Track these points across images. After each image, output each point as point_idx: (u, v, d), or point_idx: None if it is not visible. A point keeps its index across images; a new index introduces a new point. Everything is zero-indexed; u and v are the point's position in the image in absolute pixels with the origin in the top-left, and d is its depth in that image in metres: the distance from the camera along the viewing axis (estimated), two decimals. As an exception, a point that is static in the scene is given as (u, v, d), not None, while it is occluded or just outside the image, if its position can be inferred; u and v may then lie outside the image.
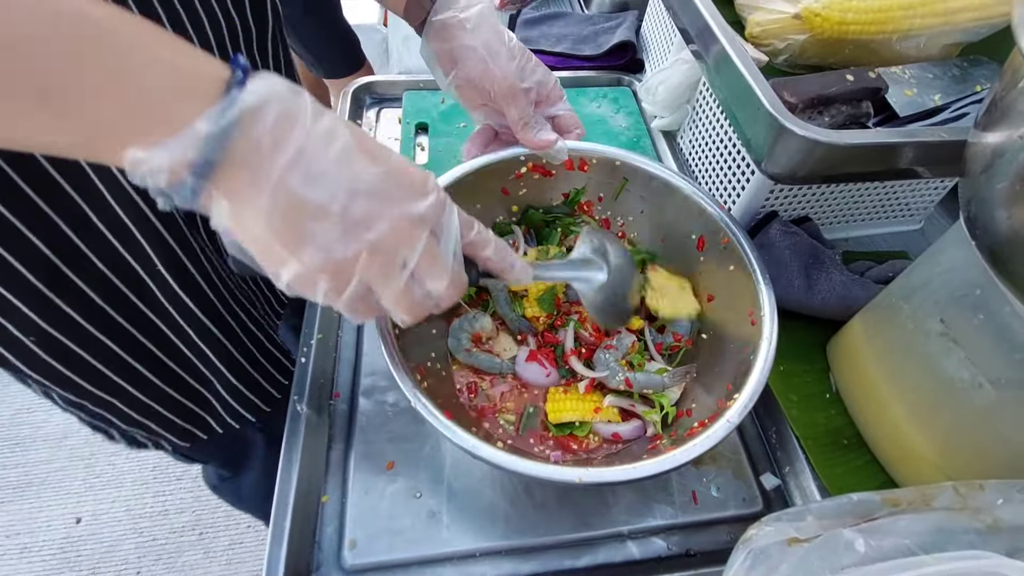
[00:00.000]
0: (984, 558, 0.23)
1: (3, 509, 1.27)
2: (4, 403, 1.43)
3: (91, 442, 1.38)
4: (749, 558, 0.26)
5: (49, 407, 1.54)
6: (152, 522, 1.27)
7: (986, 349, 0.34)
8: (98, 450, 1.37)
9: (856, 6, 0.44)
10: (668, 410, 0.42)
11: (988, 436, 0.34)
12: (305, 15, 1.10)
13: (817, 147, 0.36)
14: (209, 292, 0.46)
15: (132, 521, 1.25)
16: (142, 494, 1.31)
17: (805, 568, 0.23)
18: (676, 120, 0.64)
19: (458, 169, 0.46)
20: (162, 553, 1.22)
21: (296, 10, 1.07)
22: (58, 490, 1.30)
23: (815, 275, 0.48)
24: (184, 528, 1.26)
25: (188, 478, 1.34)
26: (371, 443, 0.44)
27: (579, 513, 0.41)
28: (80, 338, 0.40)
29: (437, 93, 0.68)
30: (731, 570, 0.26)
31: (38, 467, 1.33)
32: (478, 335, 0.47)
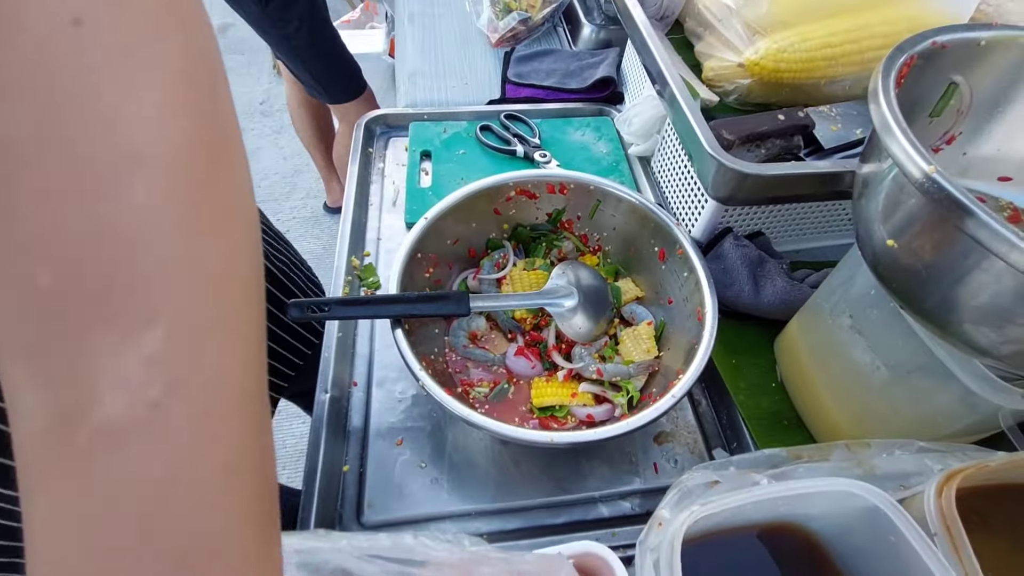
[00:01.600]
0: (842, 485, 0.30)
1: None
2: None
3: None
4: (678, 493, 0.34)
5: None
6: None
7: (881, 338, 0.42)
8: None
9: (787, 57, 0.53)
10: (633, 394, 0.50)
11: (885, 409, 0.42)
12: (310, 45, 1.20)
13: (746, 176, 0.45)
14: None
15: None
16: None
17: (714, 495, 0.31)
18: (649, 147, 0.73)
19: (456, 193, 0.54)
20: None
21: (302, 40, 1.17)
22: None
23: (762, 281, 0.57)
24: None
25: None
26: (383, 423, 0.51)
27: (558, 480, 0.49)
28: None
29: (440, 123, 0.77)
30: (663, 501, 0.33)
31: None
32: (474, 333, 0.56)
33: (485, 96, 0.86)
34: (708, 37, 0.62)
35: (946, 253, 0.30)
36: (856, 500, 0.30)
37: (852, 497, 0.30)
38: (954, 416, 0.38)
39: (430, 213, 0.53)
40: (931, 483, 0.30)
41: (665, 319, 0.55)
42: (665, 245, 0.53)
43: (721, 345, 0.56)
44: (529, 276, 0.57)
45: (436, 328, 0.54)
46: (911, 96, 0.40)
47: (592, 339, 0.54)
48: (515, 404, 0.52)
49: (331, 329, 0.55)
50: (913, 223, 0.32)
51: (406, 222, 0.66)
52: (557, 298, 0.51)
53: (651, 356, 0.52)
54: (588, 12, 0.96)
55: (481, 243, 0.60)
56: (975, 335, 0.32)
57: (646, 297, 0.58)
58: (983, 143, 0.44)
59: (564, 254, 0.61)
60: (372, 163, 0.74)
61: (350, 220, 0.65)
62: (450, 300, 0.47)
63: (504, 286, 0.57)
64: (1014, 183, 0.44)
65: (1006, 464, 0.31)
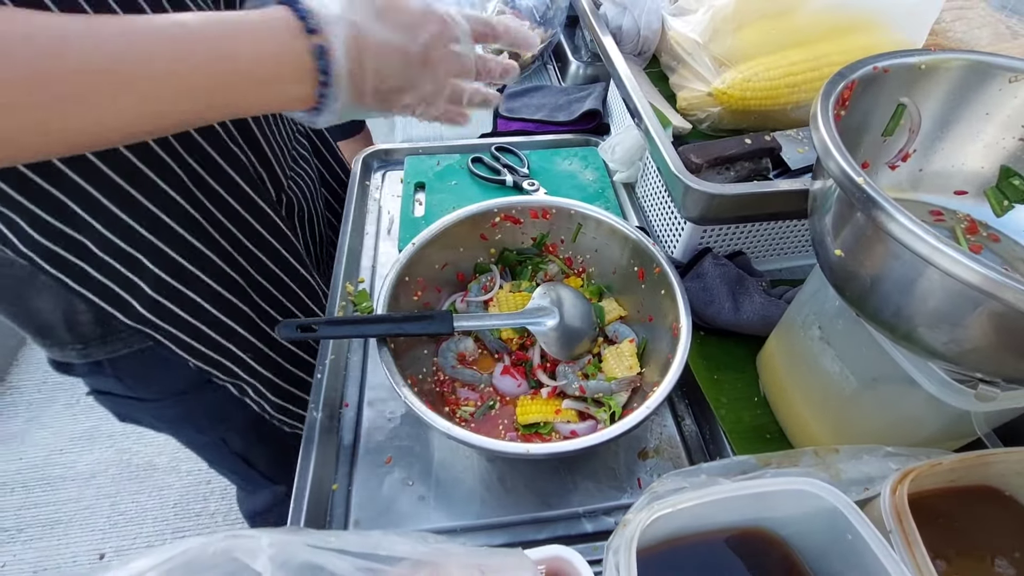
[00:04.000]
0: (799, 484, 0.31)
1: (32, 546, 1.34)
2: (39, 445, 1.53)
3: (117, 481, 1.46)
4: (648, 498, 0.35)
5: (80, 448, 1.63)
6: (172, 555, 1.33)
7: (847, 347, 0.43)
8: (123, 488, 1.45)
9: (752, 86, 0.56)
10: (615, 410, 0.52)
11: (858, 417, 0.43)
12: None
13: (713, 197, 0.47)
14: None
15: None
16: (162, 531, 1.38)
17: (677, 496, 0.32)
18: (632, 174, 0.76)
19: (444, 220, 0.57)
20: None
21: None
22: (84, 527, 1.38)
23: (741, 298, 0.58)
24: (202, 561, 1.32)
25: (206, 515, 1.41)
26: (373, 442, 0.53)
27: (543, 496, 0.50)
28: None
29: (434, 157, 0.81)
30: (633, 507, 0.34)
31: (67, 505, 1.41)
32: (462, 354, 0.57)
33: (477, 130, 0.90)
34: (680, 70, 0.66)
35: (883, 260, 0.32)
36: (816, 500, 0.31)
37: (812, 497, 0.31)
38: (920, 421, 0.39)
39: (418, 239, 0.55)
40: (887, 483, 0.31)
41: (647, 337, 0.57)
42: (643, 265, 0.55)
43: (703, 361, 0.58)
44: (514, 298, 0.59)
45: (425, 350, 0.56)
46: (860, 117, 0.42)
47: (575, 357, 0.56)
48: (500, 421, 0.53)
49: (324, 351, 0.57)
50: (854, 233, 0.34)
51: (399, 250, 0.69)
52: (538, 317, 0.53)
53: (633, 372, 0.54)
54: (576, 50, 1.02)
55: (469, 267, 0.62)
56: (925, 338, 0.33)
57: (629, 316, 0.59)
58: (936, 159, 0.46)
59: (550, 276, 0.63)
60: (368, 194, 0.78)
61: (346, 248, 0.68)
62: (435, 320, 0.50)
63: (491, 308, 0.59)
64: (970, 196, 0.46)
65: (958, 463, 0.32)
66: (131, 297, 0.48)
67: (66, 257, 0.44)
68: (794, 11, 0.57)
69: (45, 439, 1.54)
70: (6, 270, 0.46)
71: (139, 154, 0.43)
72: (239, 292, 0.56)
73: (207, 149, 0.48)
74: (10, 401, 1.63)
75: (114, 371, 0.55)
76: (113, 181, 0.43)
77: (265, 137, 0.57)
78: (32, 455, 1.51)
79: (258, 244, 0.57)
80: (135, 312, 0.49)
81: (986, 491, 0.35)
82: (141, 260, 0.47)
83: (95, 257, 0.45)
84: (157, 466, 1.50)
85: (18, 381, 1.68)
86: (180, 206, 0.48)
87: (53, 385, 1.66)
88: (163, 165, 0.45)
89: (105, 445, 1.53)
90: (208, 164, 0.49)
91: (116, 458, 1.51)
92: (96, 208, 0.43)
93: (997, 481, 0.35)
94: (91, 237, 0.44)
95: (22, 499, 1.42)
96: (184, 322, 0.53)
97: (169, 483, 1.47)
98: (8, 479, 1.46)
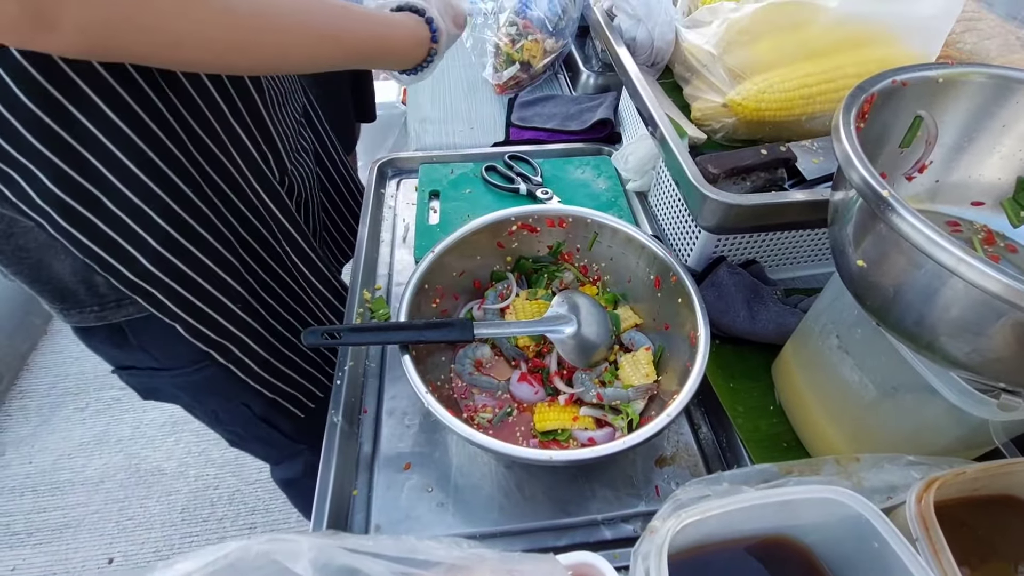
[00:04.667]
0: (824, 492, 0.32)
1: (42, 550, 1.35)
2: (48, 449, 1.54)
3: (125, 486, 1.47)
4: (672, 505, 0.35)
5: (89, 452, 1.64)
6: (181, 560, 1.33)
7: (866, 356, 0.43)
8: (131, 493, 1.46)
9: (767, 97, 0.57)
10: (633, 417, 0.52)
11: (877, 425, 0.43)
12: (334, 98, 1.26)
13: (731, 207, 0.48)
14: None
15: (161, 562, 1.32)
16: (170, 536, 1.38)
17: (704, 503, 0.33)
18: (645, 183, 0.77)
19: (462, 228, 0.58)
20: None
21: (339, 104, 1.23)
22: (92, 532, 1.38)
23: (756, 307, 0.59)
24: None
25: (214, 520, 1.42)
26: (392, 449, 0.53)
27: (562, 504, 0.50)
28: None
29: (448, 165, 0.82)
30: (658, 514, 0.35)
31: (76, 510, 1.42)
32: (479, 361, 0.58)
33: (490, 139, 0.91)
34: (695, 81, 0.67)
35: (905, 270, 0.32)
36: (841, 508, 0.32)
37: (838, 505, 0.32)
38: (941, 430, 0.39)
39: (437, 247, 0.56)
40: (912, 490, 0.31)
41: (663, 344, 0.57)
42: (660, 273, 0.56)
43: (720, 370, 0.58)
44: (531, 305, 0.60)
45: (443, 356, 0.57)
46: (879, 129, 0.43)
47: (592, 364, 0.56)
48: (518, 428, 0.53)
49: (343, 358, 0.58)
50: (877, 244, 0.34)
51: (415, 257, 0.70)
52: (556, 325, 0.54)
53: (650, 380, 0.54)
54: (587, 60, 1.03)
55: (486, 275, 0.63)
56: (947, 348, 0.34)
57: (644, 324, 0.60)
58: (953, 170, 0.46)
59: (565, 284, 0.64)
60: (384, 202, 0.79)
61: (363, 256, 0.68)
62: (455, 327, 0.50)
63: (507, 315, 0.60)
64: (987, 207, 0.46)
65: (982, 472, 0.32)
66: (138, 252, 0.50)
67: (79, 210, 0.46)
68: (808, 24, 0.58)
69: (55, 444, 1.55)
70: (24, 239, 0.49)
71: (155, 118, 0.46)
72: (239, 260, 0.58)
73: (216, 127, 0.52)
74: (20, 406, 1.64)
75: (134, 335, 0.58)
76: (131, 139, 0.45)
77: (273, 123, 0.60)
78: (42, 459, 1.52)
79: (261, 217, 0.59)
80: (140, 267, 0.51)
81: (1008, 500, 0.35)
82: (150, 215, 0.49)
83: (107, 211, 0.47)
84: (165, 471, 1.51)
85: (28, 386, 1.69)
86: (187, 169, 0.50)
87: (63, 390, 1.67)
88: (174, 132, 0.49)
89: (114, 450, 1.54)
90: (215, 138, 0.52)
91: (125, 463, 1.52)
92: (113, 162, 0.45)
93: (1018, 490, 0.35)
94: (105, 190, 0.46)
95: (32, 503, 1.43)
96: (189, 279, 0.54)
97: (177, 488, 1.47)
98: (18, 483, 1.47)
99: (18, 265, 0.51)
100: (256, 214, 0.59)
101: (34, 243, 0.49)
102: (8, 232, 0.48)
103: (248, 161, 0.55)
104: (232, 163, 0.54)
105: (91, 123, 0.43)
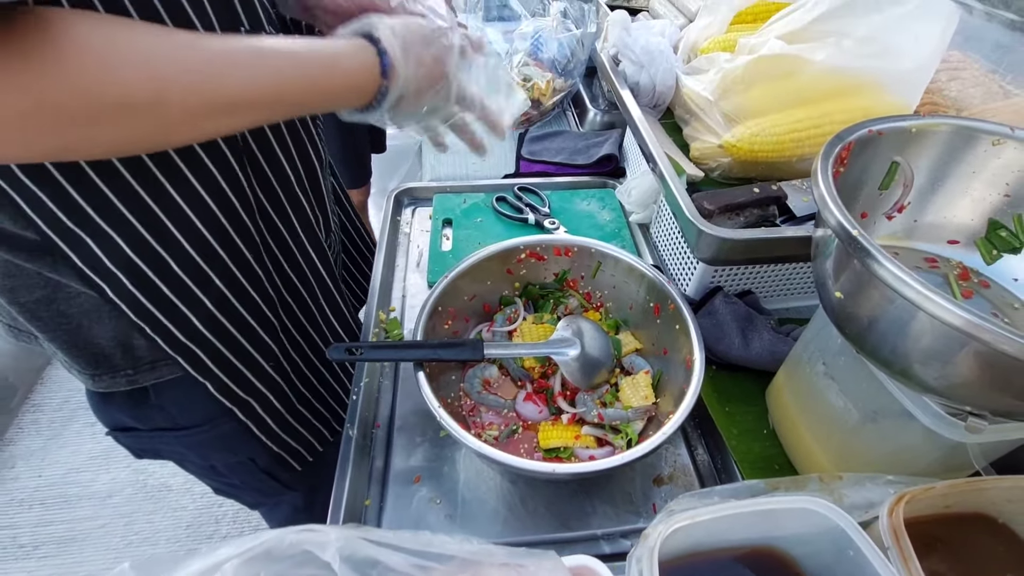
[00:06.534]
0: (803, 503, 0.34)
1: (48, 563, 1.36)
2: (58, 463, 1.56)
3: (132, 501, 1.49)
4: (666, 514, 0.38)
5: (98, 467, 1.66)
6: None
7: (849, 382, 0.46)
8: (138, 508, 1.47)
9: (760, 140, 0.61)
10: (632, 437, 0.55)
11: (861, 448, 0.46)
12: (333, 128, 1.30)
13: (724, 240, 0.52)
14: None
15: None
16: (175, 551, 1.39)
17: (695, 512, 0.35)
18: (647, 216, 0.81)
19: (474, 255, 0.62)
20: (191, 608, 1.28)
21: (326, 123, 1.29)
22: (98, 546, 1.40)
23: (750, 335, 0.62)
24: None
25: (218, 537, 1.43)
26: (402, 463, 0.56)
27: (563, 519, 0.53)
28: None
29: (460, 195, 0.87)
30: (653, 522, 0.37)
31: (83, 523, 1.43)
32: (487, 380, 0.61)
33: (501, 171, 0.97)
34: (693, 123, 0.72)
35: (878, 303, 0.36)
36: (820, 519, 0.34)
37: (816, 516, 0.34)
38: (918, 452, 0.42)
39: (450, 272, 0.60)
40: (885, 504, 0.34)
41: (662, 368, 0.60)
42: (659, 301, 0.60)
43: (716, 394, 0.61)
44: (537, 329, 0.63)
45: (453, 376, 0.60)
46: (857, 173, 0.47)
47: (594, 386, 0.59)
48: (523, 445, 0.56)
49: (359, 375, 0.61)
50: (852, 278, 0.38)
51: (428, 281, 0.74)
52: (561, 347, 0.57)
53: (649, 402, 0.57)
54: (593, 99, 1.09)
55: (495, 300, 0.67)
56: (918, 374, 0.37)
57: (644, 349, 0.63)
58: (929, 211, 0.50)
59: (570, 310, 0.67)
60: (399, 229, 0.84)
61: (379, 279, 0.73)
62: (467, 347, 0.54)
63: (515, 338, 0.63)
64: (961, 245, 0.50)
65: (949, 488, 0.35)
66: (192, 313, 0.51)
67: (147, 274, 0.46)
68: (798, 74, 0.62)
69: (65, 457, 1.57)
70: (66, 304, 0.48)
71: (233, 187, 0.48)
72: (278, 319, 0.60)
73: (279, 194, 0.54)
74: (33, 419, 1.67)
75: (156, 396, 0.56)
76: (209, 206, 0.47)
77: (324, 185, 0.62)
78: (51, 473, 1.54)
79: (305, 276, 0.61)
80: (192, 328, 0.51)
81: (981, 518, 0.38)
82: (210, 276, 0.50)
83: (173, 273, 0.48)
84: (171, 487, 1.52)
85: (42, 400, 1.72)
86: (251, 232, 0.52)
87: (76, 404, 1.70)
88: (246, 199, 0.50)
89: (122, 465, 1.56)
90: (277, 204, 0.54)
91: (132, 478, 1.53)
92: (189, 228, 0.47)
93: (991, 509, 0.38)
94: (175, 253, 0.47)
95: (39, 516, 1.45)
96: (232, 339, 0.55)
97: (183, 504, 1.49)
98: (27, 496, 1.49)
99: (55, 332, 0.49)
100: (300, 274, 0.60)
101: (77, 308, 0.49)
102: (51, 298, 0.48)
103: (303, 223, 0.57)
104: (288, 226, 0.56)
105: (178, 193, 0.45)
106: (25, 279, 0.46)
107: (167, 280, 0.48)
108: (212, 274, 0.50)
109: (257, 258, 0.54)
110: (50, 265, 0.45)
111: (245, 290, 0.54)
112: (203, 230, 0.48)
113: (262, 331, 0.57)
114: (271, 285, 0.57)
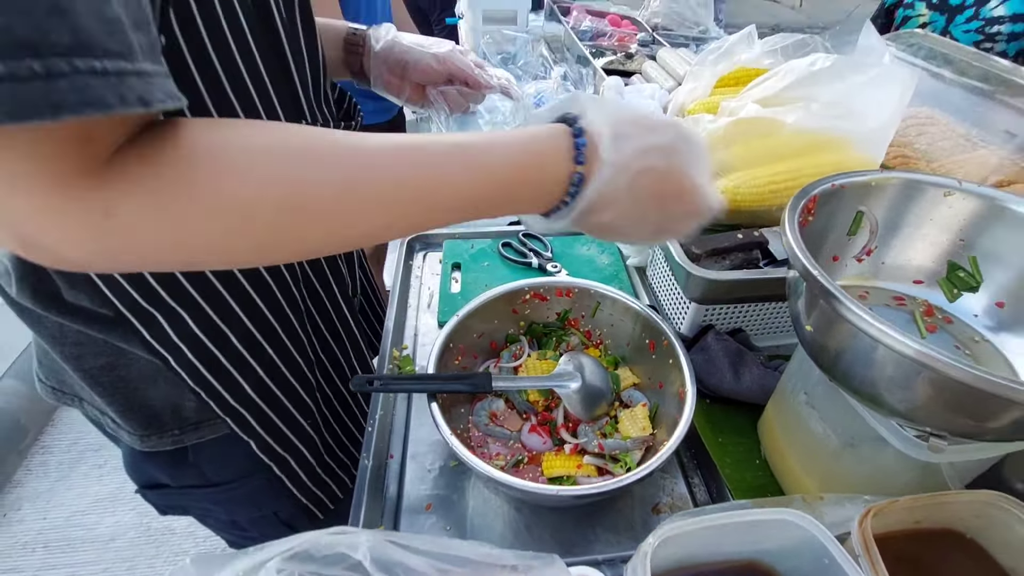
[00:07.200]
0: (782, 514, 0.38)
1: (48, 609, 1.35)
2: (63, 505, 1.57)
3: (135, 544, 1.48)
4: (656, 538, 0.41)
5: (103, 510, 1.67)
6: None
7: (828, 410, 0.50)
8: (140, 553, 1.47)
9: (742, 192, 0.68)
10: (631, 465, 0.58)
11: (838, 471, 0.50)
12: None
13: (710, 282, 0.57)
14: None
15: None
16: (175, 598, 1.37)
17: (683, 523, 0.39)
18: (643, 259, 0.87)
19: (482, 296, 0.67)
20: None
21: None
22: (100, 592, 1.39)
23: (740, 370, 0.66)
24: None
25: (220, 582, 1.41)
26: (415, 491, 0.60)
27: (567, 545, 0.55)
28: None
29: (469, 241, 0.93)
30: (643, 544, 0.41)
31: (86, 567, 1.43)
32: (494, 413, 0.65)
33: (507, 219, 1.03)
34: (682, 175, 0.79)
35: (844, 337, 0.41)
36: (799, 531, 0.38)
37: (795, 528, 0.38)
38: (893, 473, 0.46)
39: (460, 312, 0.65)
40: (855, 517, 0.37)
41: (658, 401, 0.64)
42: (653, 337, 0.64)
43: (709, 426, 0.65)
44: (541, 364, 0.68)
45: (462, 409, 0.64)
46: (824, 221, 0.53)
47: (595, 418, 0.63)
48: (527, 475, 0.60)
49: (375, 407, 0.65)
50: (820, 315, 0.43)
51: (439, 321, 0.79)
52: (564, 381, 0.62)
53: (646, 433, 0.61)
54: (591, 152, 1.17)
55: (501, 337, 0.71)
56: (884, 399, 0.41)
57: (641, 383, 0.67)
58: (893, 254, 0.56)
59: (571, 347, 0.72)
60: (412, 273, 0.90)
61: (393, 319, 0.78)
62: (476, 379, 0.58)
63: (520, 373, 0.68)
64: (925, 284, 0.55)
65: (912, 502, 0.39)
66: (243, 378, 0.54)
67: (208, 346, 0.49)
68: (774, 133, 0.70)
69: (70, 500, 1.58)
70: (126, 371, 0.50)
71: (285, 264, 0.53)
72: (315, 378, 0.64)
73: (323, 263, 0.60)
74: (41, 460, 1.69)
75: (195, 454, 0.58)
76: (268, 284, 0.51)
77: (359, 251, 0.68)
78: (55, 515, 1.55)
79: (339, 336, 0.67)
80: (242, 392, 0.54)
81: (950, 534, 0.41)
82: (262, 345, 0.54)
83: (231, 345, 0.51)
84: (175, 531, 1.52)
85: (51, 441, 1.74)
86: (298, 302, 0.56)
87: (84, 446, 1.72)
88: (294, 271, 0.56)
89: (127, 508, 1.56)
90: (320, 273, 0.60)
91: (136, 521, 1.54)
92: (248, 305, 0.51)
93: (959, 524, 0.41)
94: (233, 328, 0.51)
95: (42, 560, 1.44)
96: (277, 400, 0.58)
97: (185, 549, 1.48)
98: (31, 539, 1.49)
99: (113, 395, 0.51)
100: (334, 332, 0.65)
101: (137, 373, 0.51)
102: (113, 365, 0.50)
103: (340, 285, 0.63)
104: (327, 290, 0.61)
105: (246, 279, 0.50)
106: (93, 347, 0.49)
107: (224, 350, 0.51)
108: (264, 341, 0.54)
109: (301, 323, 0.58)
110: (120, 336, 0.48)
111: (291, 354, 0.58)
112: (260, 304, 0.52)
113: (303, 391, 0.61)
114: (311, 347, 0.61)
